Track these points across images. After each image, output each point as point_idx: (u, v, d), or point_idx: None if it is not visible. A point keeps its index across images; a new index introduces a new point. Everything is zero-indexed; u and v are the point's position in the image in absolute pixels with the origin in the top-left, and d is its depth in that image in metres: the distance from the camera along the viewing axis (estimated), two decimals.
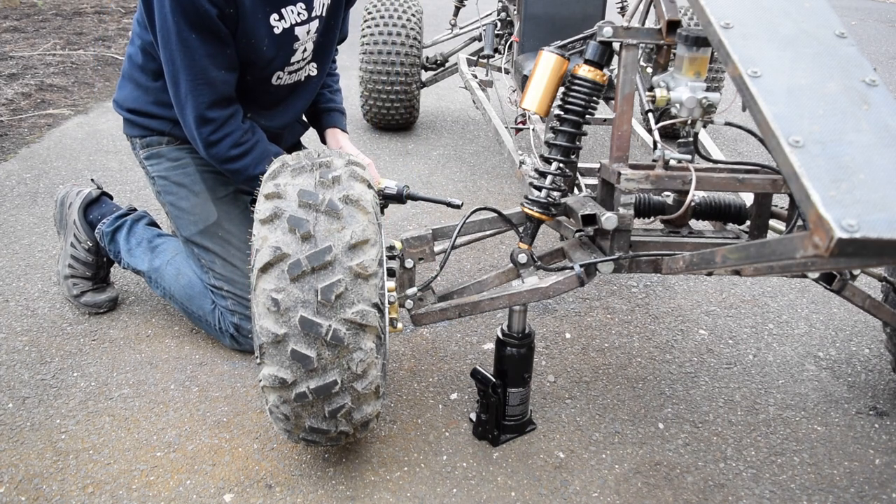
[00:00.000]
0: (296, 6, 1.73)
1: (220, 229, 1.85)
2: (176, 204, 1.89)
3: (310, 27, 1.80)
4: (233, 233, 1.85)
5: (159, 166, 1.92)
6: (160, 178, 1.92)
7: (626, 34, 1.42)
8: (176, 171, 1.90)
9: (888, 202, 0.83)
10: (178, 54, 1.64)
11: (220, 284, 1.84)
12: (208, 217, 1.86)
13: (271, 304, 1.23)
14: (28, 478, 1.47)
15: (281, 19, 1.72)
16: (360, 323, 1.25)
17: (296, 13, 1.74)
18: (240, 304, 1.82)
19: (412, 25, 3.44)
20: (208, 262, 1.85)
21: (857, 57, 1.06)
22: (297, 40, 1.79)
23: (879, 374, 1.88)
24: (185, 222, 1.88)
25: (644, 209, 1.57)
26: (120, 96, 1.94)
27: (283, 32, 1.74)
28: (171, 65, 1.67)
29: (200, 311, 1.89)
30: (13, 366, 1.82)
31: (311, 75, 1.94)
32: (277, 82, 1.85)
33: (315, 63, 1.93)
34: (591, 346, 1.97)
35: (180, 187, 1.89)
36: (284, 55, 1.80)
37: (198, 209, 1.87)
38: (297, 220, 1.25)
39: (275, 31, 1.72)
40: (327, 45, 1.92)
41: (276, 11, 1.71)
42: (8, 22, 5.87)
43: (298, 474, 1.49)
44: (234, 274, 1.83)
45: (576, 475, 1.51)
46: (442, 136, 3.75)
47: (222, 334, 1.87)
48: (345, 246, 1.24)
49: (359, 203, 1.28)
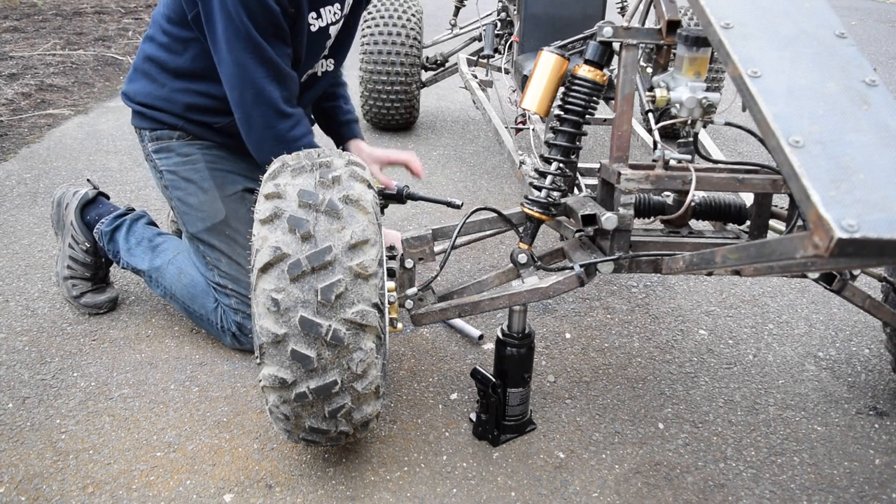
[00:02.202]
0: (333, 6, 1.79)
1: (227, 227, 1.85)
2: (184, 199, 1.89)
3: (339, 27, 1.86)
4: (239, 231, 1.85)
5: (168, 160, 1.91)
6: (169, 172, 1.91)
7: (626, 34, 1.42)
8: (185, 166, 1.89)
9: (888, 202, 0.83)
10: (248, 54, 1.64)
11: (224, 282, 1.84)
12: (216, 214, 1.86)
13: (271, 304, 1.23)
14: (28, 478, 1.47)
15: (318, 18, 1.76)
16: (360, 323, 1.25)
17: (332, 13, 1.79)
18: (243, 303, 1.82)
19: (412, 25, 3.44)
20: (213, 259, 1.85)
21: (857, 57, 1.06)
22: (329, 38, 1.85)
23: (879, 374, 1.88)
24: (193, 218, 1.87)
25: (644, 209, 1.57)
26: (131, 89, 1.93)
27: (319, 31, 1.79)
28: (239, 66, 1.66)
29: (203, 311, 1.88)
30: (13, 366, 1.82)
31: (327, 70, 1.98)
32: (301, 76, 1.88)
33: (333, 59, 1.97)
34: (591, 346, 1.97)
35: (189, 183, 1.89)
36: (316, 53, 1.85)
37: (206, 206, 1.87)
38: (298, 220, 1.25)
39: (311, 28, 1.77)
40: (346, 42, 1.97)
41: (316, 10, 1.75)
42: (8, 22, 5.87)
43: (298, 474, 1.49)
44: (238, 272, 1.83)
45: (576, 475, 1.51)
46: (442, 136, 3.75)
47: (224, 333, 1.87)
48: (345, 246, 1.24)
49: (359, 203, 1.28)
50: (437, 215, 2.77)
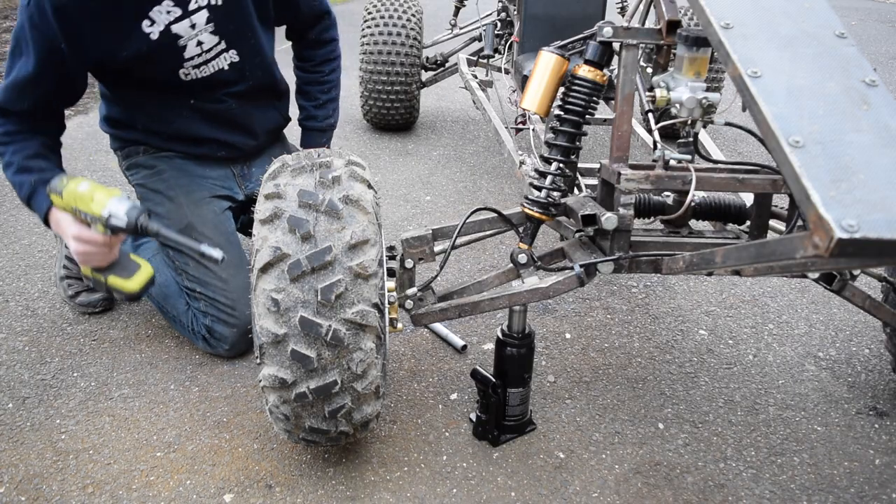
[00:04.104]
0: (161, 5, 1.66)
1: (193, 232, 1.85)
2: (153, 210, 1.91)
3: (193, 21, 1.71)
4: (206, 235, 1.86)
5: (137, 175, 1.96)
6: (139, 186, 1.96)
7: (626, 34, 1.42)
8: (152, 178, 1.93)
9: (888, 202, 0.83)
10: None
11: (192, 286, 1.85)
12: (181, 221, 1.87)
13: (271, 305, 1.23)
14: (28, 478, 1.47)
15: (153, 24, 1.67)
16: (360, 323, 1.25)
17: (165, 12, 1.67)
18: (212, 306, 1.82)
19: (412, 25, 3.44)
20: (181, 264, 1.86)
21: (857, 57, 1.06)
22: (181, 37, 1.72)
23: (879, 374, 1.88)
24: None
25: (644, 209, 1.57)
26: (101, 113, 2.00)
27: (162, 35, 1.69)
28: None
29: (175, 312, 1.90)
30: (13, 366, 1.82)
31: (233, 62, 1.84)
32: (187, 78, 1.81)
33: (234, 50, 1.83)
34: (591, 346, 1.97)
35: (156, 194, 1.92)
36: (173, 56, 1.74)
37: (172, 214, 1.88)
38: (298, 220, 1.25)
39: (151, 36, 1.68)
40: (241, 29, 1.81)
41: (145, 17, 1.65)
42: (8, 22, 5.86)
43: (298, 474, 1.49)
44: (206, 276, 1.83)
45: (576, 475, 1.51)
46: (442, 136, 3.75)
47: (195, 336, 1.87)
48: (345, 246, 1.24)
49: (359, 203, 1.28)
50: (437, 215, 2.77)
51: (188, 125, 1.90)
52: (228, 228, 1.94)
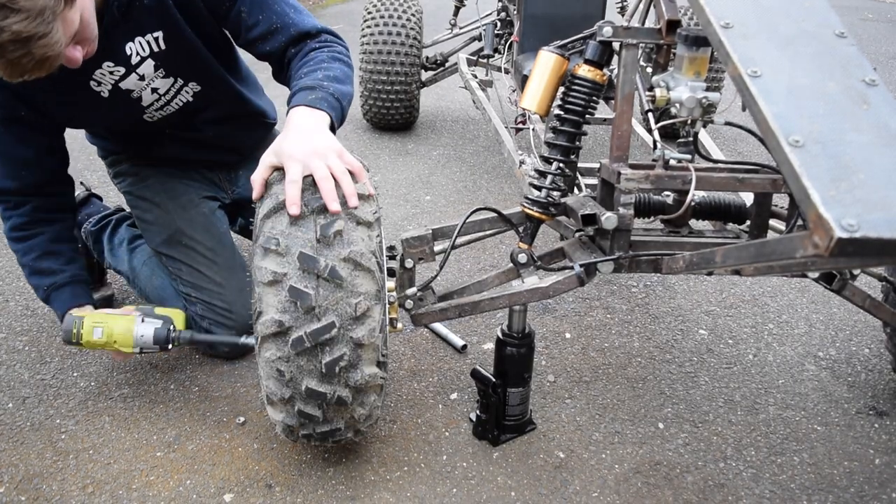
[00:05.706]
0: (102, 68, 1.58)
1: (183, 237, 1.85)
2: (142, 217, 1.91)
3: (140, 73, 1.63)
4: (196, 239, 1.85)
5: (124, 183, 1.96)
6: (126, 193, 1.96)
7: (626, 34, 1.42)
8: (138, 185, 1.93)
9: (888, 202, 0.83)
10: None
11: (188, 291, 1.84)
12: (170, 226, 1.86)
13: (277, 375, 1.28)
14: (28, 478, 1.47)
15: (100, 85, 1.62)
16: (363, 383, 1.30)
17: (108, 73, 1.60)
18: (209, 310, 1.82)
19: (412, 25, 3.44)
20: (175, 270, 1.86)
21: (857, 57, 1.06)
22: (132, 91, 1.66)
23: (879, 374, 1.88)
24: (151, 234, 1.90)
25: (644, 209, 1.57)
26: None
27: (112, 93, 1.64)
28: None
29: None
30: (13, 366, 1.82)
31: (196, 91, 1.75)
32: (153, 119, 1.77)
33: (193, 82, 1.73)
34: (591, 346, 1.97)
35: (143, 200, 1.91)
36: (131, 107, 1.70)
37: (160, 220, 1.88)
38: (300, 292, 1.24)
39: (102, 94, 1.64)
40: (192, 64, 1.69)
41: (90, 80, 1.61)
42: None
43: (298, 474, 1.49)
44: (200, 280, 1.83)
45: (576, 475, 1.51)
46: (442, 136, 3.75)
47: None
48: (349, 317, 1.25)
49: (360, 264, 1.26)
50: (436, 215, 2.77)
51: (169, 150, 1.90)
52: (220, 229, 1.92)
